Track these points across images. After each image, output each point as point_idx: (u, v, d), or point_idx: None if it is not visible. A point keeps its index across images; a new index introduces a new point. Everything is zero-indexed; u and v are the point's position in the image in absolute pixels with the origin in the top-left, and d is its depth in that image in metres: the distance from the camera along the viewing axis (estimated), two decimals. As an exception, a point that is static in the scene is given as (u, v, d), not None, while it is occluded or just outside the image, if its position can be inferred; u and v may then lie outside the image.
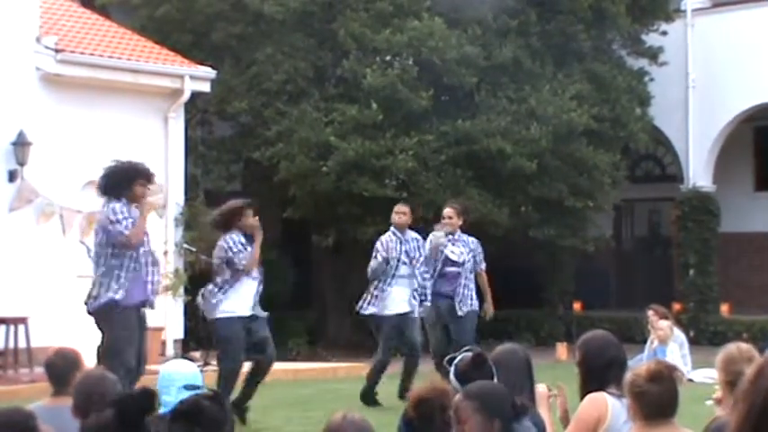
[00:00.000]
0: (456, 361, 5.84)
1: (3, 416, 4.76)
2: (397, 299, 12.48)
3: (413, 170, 19.68)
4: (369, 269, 12.64)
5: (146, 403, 4.24)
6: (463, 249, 12.98)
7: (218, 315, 10.92)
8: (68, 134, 17.31)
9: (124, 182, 10.06)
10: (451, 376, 5.78)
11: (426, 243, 12.83)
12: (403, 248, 12.56)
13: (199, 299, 11.31)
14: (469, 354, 5.88)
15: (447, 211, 13.12)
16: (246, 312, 10.89)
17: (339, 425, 4.12)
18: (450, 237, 12.92)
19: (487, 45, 20.46)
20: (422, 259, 12.63)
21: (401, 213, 12.73)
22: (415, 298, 12.54)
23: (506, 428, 4.81)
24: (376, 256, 12.58)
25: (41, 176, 16.80)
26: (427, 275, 12.70)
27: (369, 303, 12.55)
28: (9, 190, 16.58)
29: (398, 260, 12.52)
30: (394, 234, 12.62)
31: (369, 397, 12.47)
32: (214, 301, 10.94)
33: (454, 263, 12.91)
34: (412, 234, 12.76)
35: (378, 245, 12.66)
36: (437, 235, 12.91)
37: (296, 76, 20.35)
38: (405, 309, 12.47)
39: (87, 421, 4.33)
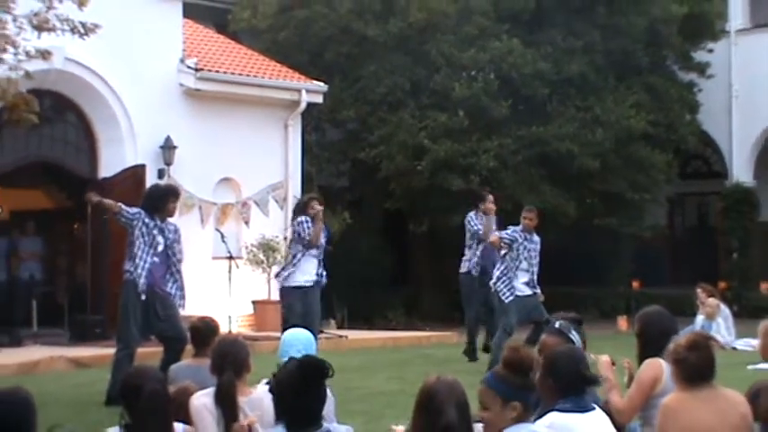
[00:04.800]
0: (558, 322, 5.85)
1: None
2: None
3: (494, 168, 19.60)
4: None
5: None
6: None
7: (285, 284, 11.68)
8: (206, 139, 17.52)
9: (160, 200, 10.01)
10: (576, 334, 5.79)
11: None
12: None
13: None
14: (570, 315, 5.92)
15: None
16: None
17: (433, 384, 4.11)
18: None
19: (558, 61, 20.29)
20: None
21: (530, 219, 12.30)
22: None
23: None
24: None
25: (184, 174, 17.03)
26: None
27: None
28: (157, 186, 16.84)
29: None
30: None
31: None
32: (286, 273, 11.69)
33: None
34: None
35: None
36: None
37: (395, 89, 20.37)
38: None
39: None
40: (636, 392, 5.80)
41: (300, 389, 4.18)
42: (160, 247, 9.80)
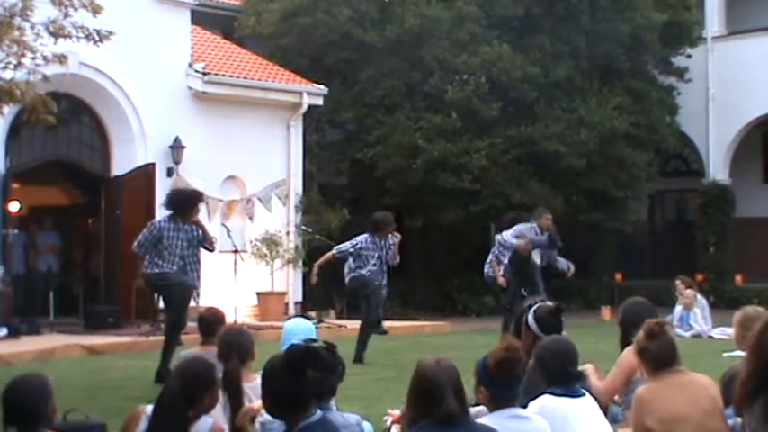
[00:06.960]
0: (534, 308, 5.83)
1: (190, 365, 4.57)
2: None
3: (485, 167, 19.59)
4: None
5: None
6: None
7: None
8: (212, 139, 17.51)
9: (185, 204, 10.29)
10: (531, 320, 5.75)
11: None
12: None
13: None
14: (549, 303, 5.90)
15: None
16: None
17: (432, 370, 4.05)
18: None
19: (545, 66, 20.29)
20: None
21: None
22: None
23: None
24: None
25: (192, 172, 17.03)
26: None
27: None
28: (167, 183, 16.83)
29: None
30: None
31: None
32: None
33: None
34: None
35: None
36: None
37: (391, 92, 20.36)
38: None
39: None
40: (616, 374, 5.80)
41: (284, 377, 4.06)
42: (179, 247, 10.08)
